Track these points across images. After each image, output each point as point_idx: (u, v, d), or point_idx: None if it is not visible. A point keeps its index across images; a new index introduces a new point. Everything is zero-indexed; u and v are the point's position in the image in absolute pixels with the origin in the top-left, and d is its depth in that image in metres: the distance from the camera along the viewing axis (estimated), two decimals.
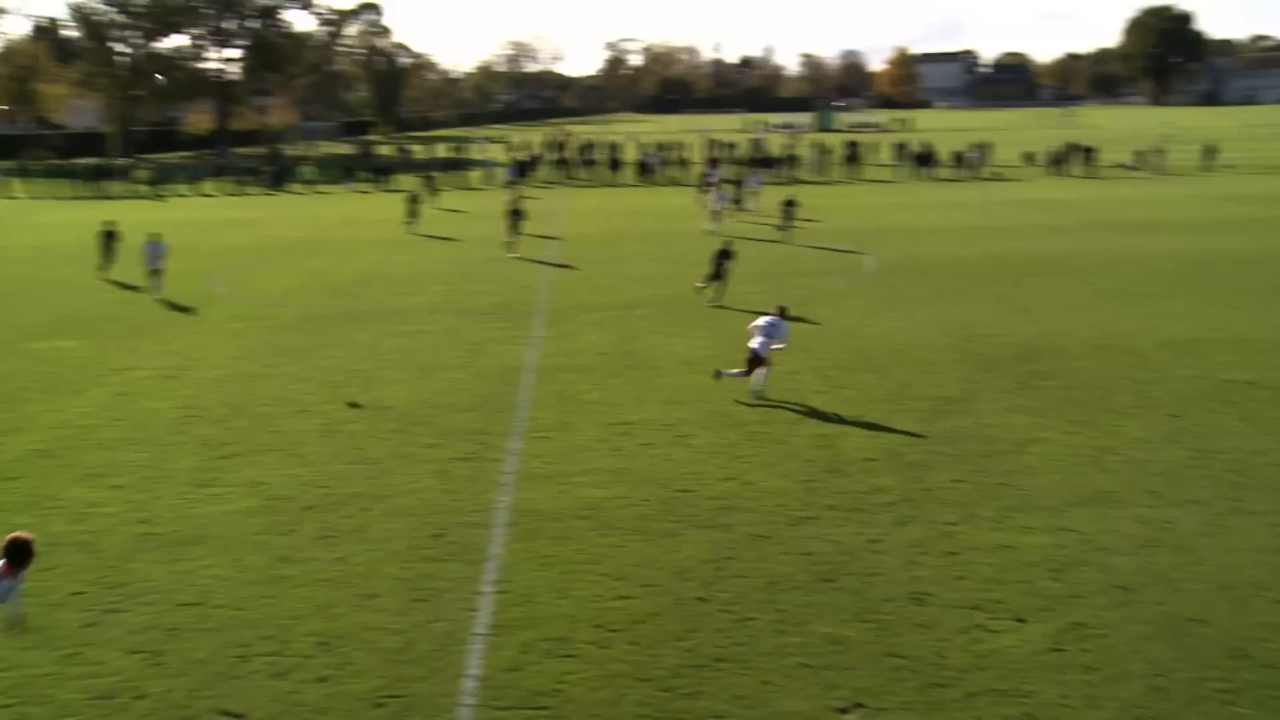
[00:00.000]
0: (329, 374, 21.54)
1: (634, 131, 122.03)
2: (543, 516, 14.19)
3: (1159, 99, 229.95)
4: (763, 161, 71.53)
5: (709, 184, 53.66)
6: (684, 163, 74.64)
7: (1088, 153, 74.18)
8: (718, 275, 27.96)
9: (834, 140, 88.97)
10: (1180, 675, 10.20)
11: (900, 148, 78.26)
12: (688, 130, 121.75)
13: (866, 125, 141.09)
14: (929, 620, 11.32)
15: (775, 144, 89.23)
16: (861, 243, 38.90)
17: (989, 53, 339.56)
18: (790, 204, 40.73)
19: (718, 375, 19.61)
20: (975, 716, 9.61)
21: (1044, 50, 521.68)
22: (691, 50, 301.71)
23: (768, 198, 48.48)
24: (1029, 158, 77.52)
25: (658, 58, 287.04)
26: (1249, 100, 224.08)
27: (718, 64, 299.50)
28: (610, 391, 20.03)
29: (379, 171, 70.48)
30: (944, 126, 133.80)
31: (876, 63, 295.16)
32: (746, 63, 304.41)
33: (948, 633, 11.07)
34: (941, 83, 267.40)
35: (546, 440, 17.29)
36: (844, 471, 15.69)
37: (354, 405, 18.99)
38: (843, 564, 12.69)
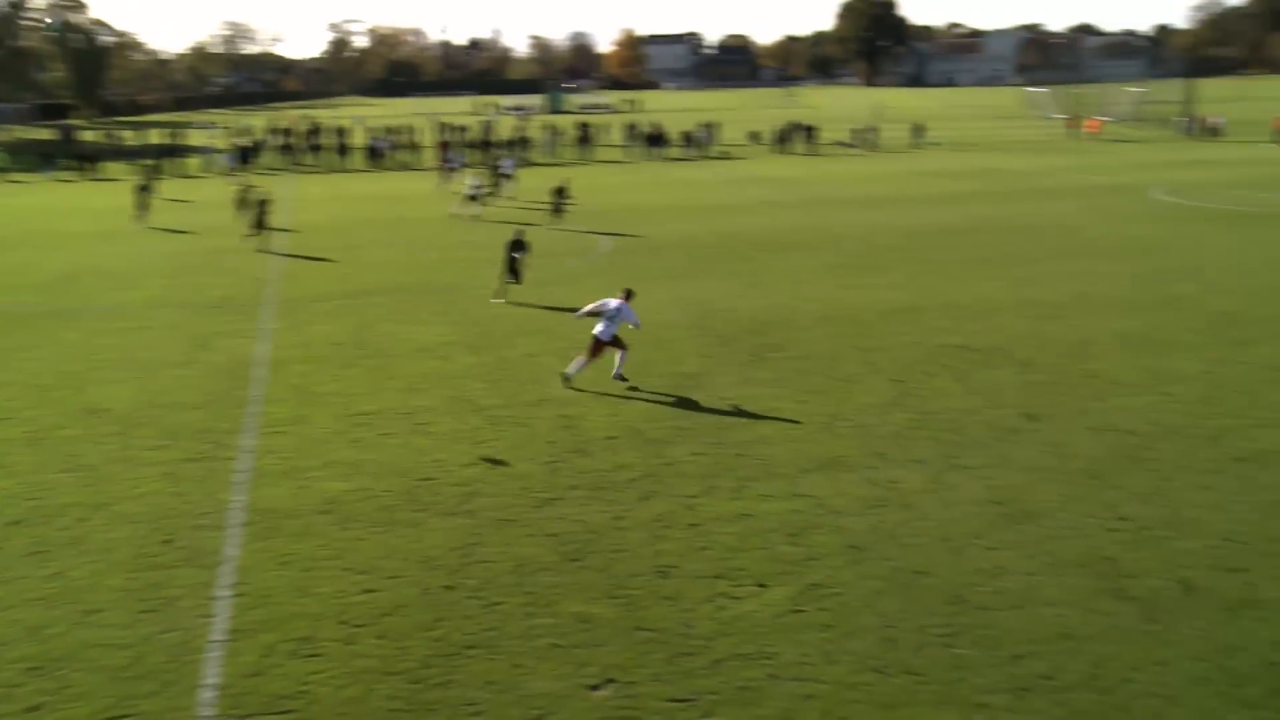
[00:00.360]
0: (36, 377, 20.07)
1: (361, 115, 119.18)
2: (280, 514, 13.66)
3: (871, 80, 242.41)
4: (496, 145, 71.13)
5: (449, 168, 52.98)
6: (414, 147, 73.48)
7: (809, 131, 77.38)
8: (513, 271, 25.78)
9: (565, 122, 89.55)
10: (908, 625, 10.78)
11: (631, 128, 79.54)
12: (417, 114, 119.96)
13: (597, 106, 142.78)
14: (675, 592, 11.54)
15: (506, 126, 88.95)
16: (597, 223, 39.26)
17: (713, 35, 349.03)
18: (561, 190, 40.61)
19: (565, 380, 18.71)
20: (722, 681, 9.86)
21: (765, 33, 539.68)
22: (418, 32, 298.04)
23: (527, 181, 48.29)
24: (754, 136, 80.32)
25: (384, 39, 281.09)
26: (948, 82, 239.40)
27: (446, 46, 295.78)
28: (346, 382, 19.49)
29: (84, 159, 66.12)
30: (673, 107, 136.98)
31: (604, 44, 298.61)
32: (475, 45, 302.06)
33: (693, 602, 11.31)
34: (668, 64, 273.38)
35: (282, 435, 16.66)
36: (586, 451, 15.80)
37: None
38: (589, 542, 12.78)
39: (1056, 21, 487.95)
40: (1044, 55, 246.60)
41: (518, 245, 25.81)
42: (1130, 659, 10.07)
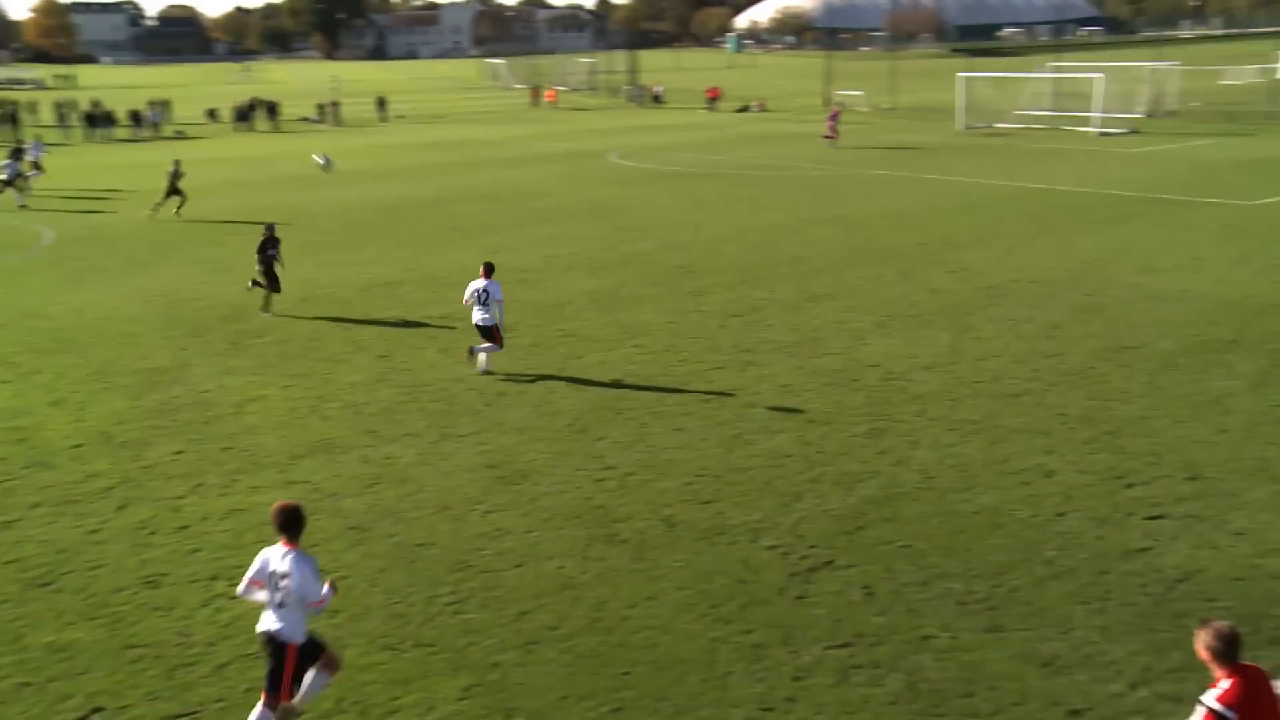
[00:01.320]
0: None
1: None
2: None
3: (331, 54, 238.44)
4: None
5: None
6: None
7: (271, 108, 74.85)
8: (270, 274, 21.74)
9: None
10: (415, 597, 10.78)
11: (63, 106, 72.94)
12: None
13: (20, 82, 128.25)
14: (167, 601, 10.78)
15: None
16: (21, 217, 35.71)
17: (153, 6, 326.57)
18: (176, 173, 35.90)
19: (477, 367, 17.84)
20: (228, 687, 9.35)
21: (213, 5, 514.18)
22: None
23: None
24: (212, 114, 76.46)
25: None
26: (410, 55, 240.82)
27: None
28: None
29: None
30: (115, 83, 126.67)
31: (21, 11, 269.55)
32: None
33: (188, 610, 10.63)
34: (104, 35, 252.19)
35: None
36: (49, 464, 14.35)
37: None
38: (59, 564, 11.61)
39: None
40: (499, 27, 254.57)
41: (270, 243, 21.71)
42: (626, 598, 10.69)
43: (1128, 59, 70.41)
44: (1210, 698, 6.16)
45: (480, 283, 17.45)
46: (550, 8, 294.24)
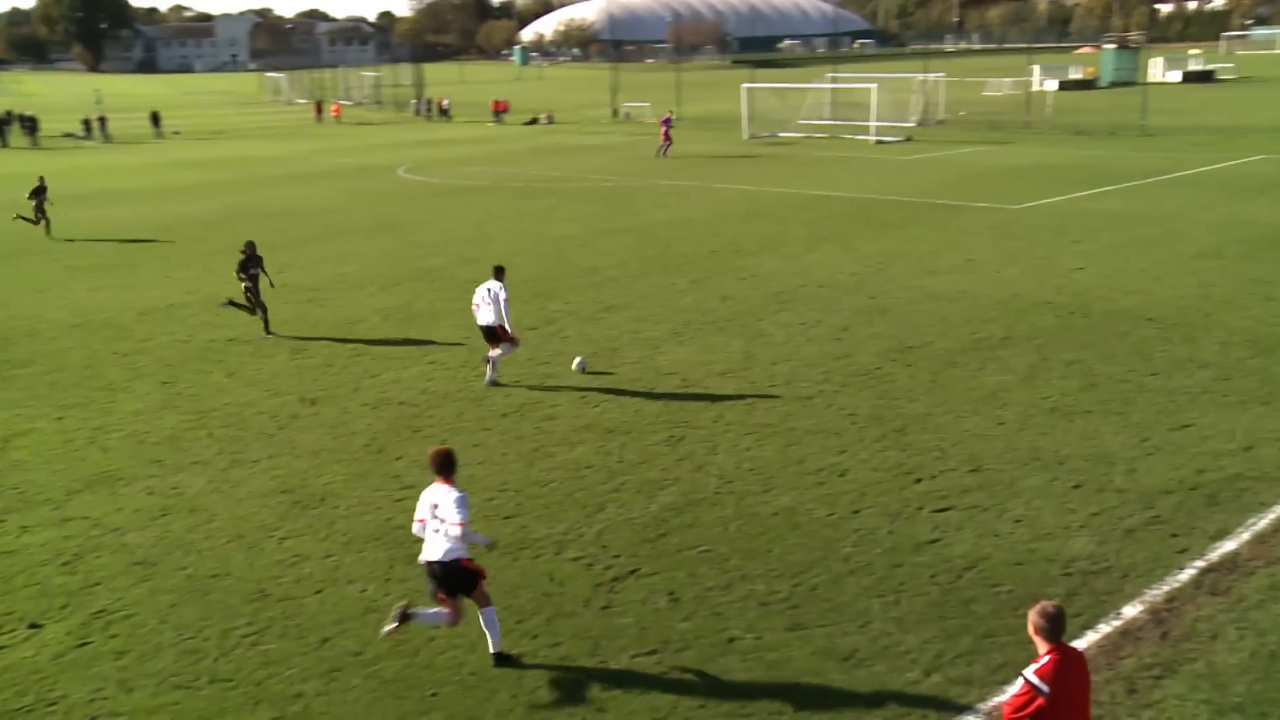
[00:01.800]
0: None
1: None
2: None
3: (95, 66, 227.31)
4: None
5: None
6: None
7: (29, 122, 70.86)
8: (255, 294, 20.90)
9: None
10: (210, 631, 10.33)
11: None
12: None
13: None
14: None
15: None
16: None
17: None
18: (40, 191, 33.14)
19: (493, 385, 17.27)
20: None
21: None
22: None
23: None
24: None
25: None
26: (184, 68, 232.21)
27: None
28: None
29: None
30: None
31: None
32: None
33: None
34: None
35: None
36: None
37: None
38: None
39: (286, 7, 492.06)
40: (278, 40, 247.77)
41: (253, 261, 20.85)
42: None
43: (899, 70, 73.61)
44: (1029, 670, 6.57)
45: (491, 285, 17.23)
46: (331, 20, 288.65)
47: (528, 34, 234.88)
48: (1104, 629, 9.75)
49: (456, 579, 9.41)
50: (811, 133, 62.47)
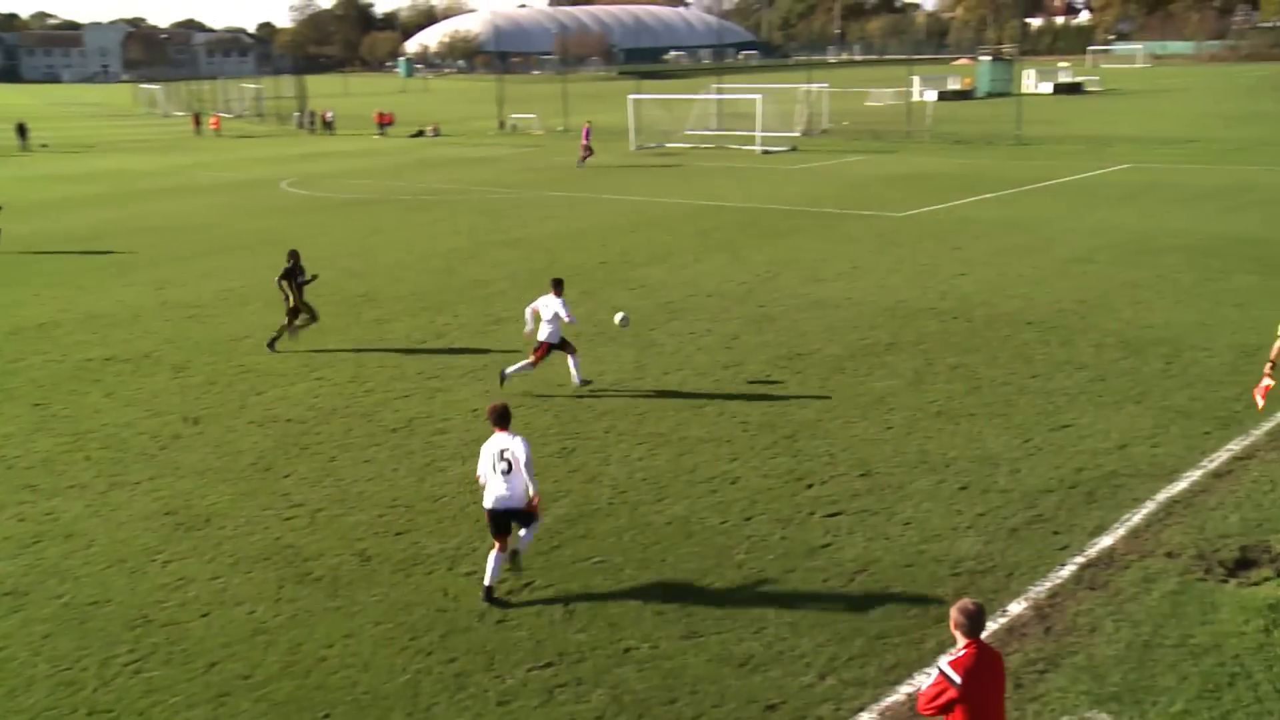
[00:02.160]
0: None
1: None
2: None
3: None
4: None
5: None
6: None
7: None
8: (303, 298, 20.37)
9: None
10: (89, 661, 9.99)
11: None
12: None
13: None
14: None
15: None
16: None
17: None
18: None
19: (503, 378, 17.47)
20: None
21: None
22: None
23: None
24: None
25: None
26: (50, 78, 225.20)
27: None
28: None
29: None
30: None
31: None
32: None
33: None
34: None
35: None
36: None
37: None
38: None
39: (160, 17, 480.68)
40: (152, 50, 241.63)
41: (297, 270, 20.30)
42: (322, 638, 10.30)
43: (783, 81, 74.61)
44: (944, 661, 6.72)
45: (552, 300, 17.28)
46: (209, 31, 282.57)
47: (412, 45, 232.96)
48: (991, 626, 9.96)
49: (524, 516, 10.81)
50: (698, 143, 62.99)
